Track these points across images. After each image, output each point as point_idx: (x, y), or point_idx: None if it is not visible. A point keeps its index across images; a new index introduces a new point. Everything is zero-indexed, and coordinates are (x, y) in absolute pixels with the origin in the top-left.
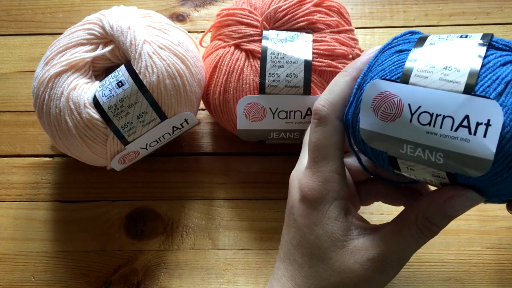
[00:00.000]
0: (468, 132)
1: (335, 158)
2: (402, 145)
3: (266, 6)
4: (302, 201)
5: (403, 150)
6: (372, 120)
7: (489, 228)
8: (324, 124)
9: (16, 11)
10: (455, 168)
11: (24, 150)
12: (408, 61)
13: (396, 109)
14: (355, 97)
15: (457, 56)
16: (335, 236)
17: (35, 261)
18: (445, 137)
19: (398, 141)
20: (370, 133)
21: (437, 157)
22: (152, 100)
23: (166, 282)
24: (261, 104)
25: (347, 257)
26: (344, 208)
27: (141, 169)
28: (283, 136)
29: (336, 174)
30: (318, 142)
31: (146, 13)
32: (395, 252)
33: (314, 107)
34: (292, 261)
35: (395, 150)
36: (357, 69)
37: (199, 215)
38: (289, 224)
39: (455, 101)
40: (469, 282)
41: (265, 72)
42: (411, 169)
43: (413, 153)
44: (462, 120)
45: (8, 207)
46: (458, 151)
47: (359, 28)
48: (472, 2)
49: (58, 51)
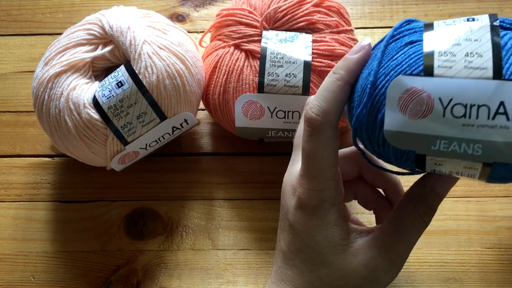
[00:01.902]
0: (506, 118)
1: (330, 166)
2: (435, 142)
3: (265, 6)
4: (299, 207)
5: (435, 146)
6: (400, 119)
7: (489, 228)
8: (318, 134)
9: (16, 11)
10: (495, 157)
11: (24, 150)
12: (426, 52)
13: (426, 105)
14: (370, 98)
15: (474, 41)
16: (335, 241)
17: (35, 261)
18: (483, 127)
19: (430, 138)
20: (398, 133)
21: (474, 149)
22: (152, 100)
23: (165, 282)
24: (260, 102)
25: (349, 260)
26: (342, 212)
27: (141, 169)
28: (281, 135)
29: (333, 181)
30: (313, 151)
31: (145, 13)
32: (398, 248)
33: (308, 116)
34: (291, 266)
35: (426, 147)
36: (349, 71)
37: (199, 215)
38: (285, 229)
39: (487, 89)
40: (469, 282)
41: (264, 71)
42: (439, 164)
43: (447, 148)
44: (498, 107)
45: (8, 207)
46: (498, 140)
47: (359, 28)
48: (472, 2)
49: (58, 51)
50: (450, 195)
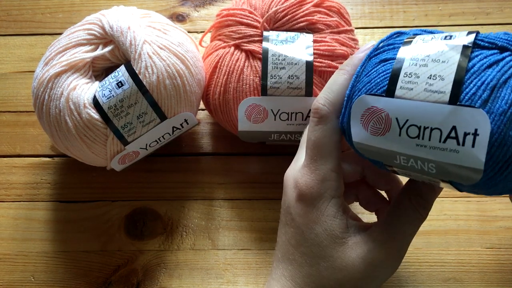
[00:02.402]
0: (456, 143)
1: (333, 157)
2: (395, 156)
3: (266, 6)
4: (299, 199)
5: (396, 160)
6: (363, 134)
7: (489, 228)
8: (324, 123)
9: (16, 11)
10: (448, 177)
11: (24, 150)
12: (393, 71)
13: (384, 123)
14: (346, 108)
15: (441, 63)
16: (334, 233)
17: (35, 261)
18: (435, 149)
19: (390, 153)
20: (363, 145)
21: (429, 167)
22: (152, 101)
23: (166, 282)
24: (263, 106)
25: (348, 253)
26: (341, 205)
27: (141, 169)
28: (283, 138)
29: (334, 173)
30: (318, 141)
31: (146, 13)
32: (396, 242)
33: (314, 106)
34: (291, 260)
35: (389, 161)
36: (355, 67)
37: (199, 215)
38: (286, 223)
39: (441, 113)
40: (469, 283)
41: (266, 73)
42: (408, 175)
43: (406, 163)
44: (450, 131)
45: (8, 207)
46: (449, 162)
47: (359, 28)
48: (472, 2)
49: (58, 51)
50: (450, 195)
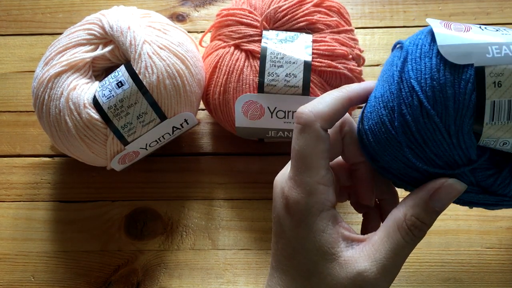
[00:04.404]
0: None
1: (319, 168)
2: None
3: (266, 6)
4: (288, 212)
5: (268, 134)
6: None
7: (489, 228)
8: (308, 131)
9: (16, 11)
10: None
11: (24, 150)
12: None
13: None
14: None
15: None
16: (323, 249)
17: (35, 261)
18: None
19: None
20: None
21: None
22: (152, 100)
23: (166, 282)
24: (260, 102)
25: (337, 271)
26: (331, 218)
27: (141, 169)
28: (281, 135)
29: (321, 185)
30: (302, 150)
31: (146, 13)
32: (387, 261)
33: (297, 111)
34: (285, 271)
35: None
36: (353, 90)
37: (199, 215)
38: (278, 233)
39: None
40: (469, 283)
41: (264, 71)
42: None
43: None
44: None
45: (8, 207)
46: None
47: (359, 28)
48: (472, 2)
49: (58, 51)
50: None
